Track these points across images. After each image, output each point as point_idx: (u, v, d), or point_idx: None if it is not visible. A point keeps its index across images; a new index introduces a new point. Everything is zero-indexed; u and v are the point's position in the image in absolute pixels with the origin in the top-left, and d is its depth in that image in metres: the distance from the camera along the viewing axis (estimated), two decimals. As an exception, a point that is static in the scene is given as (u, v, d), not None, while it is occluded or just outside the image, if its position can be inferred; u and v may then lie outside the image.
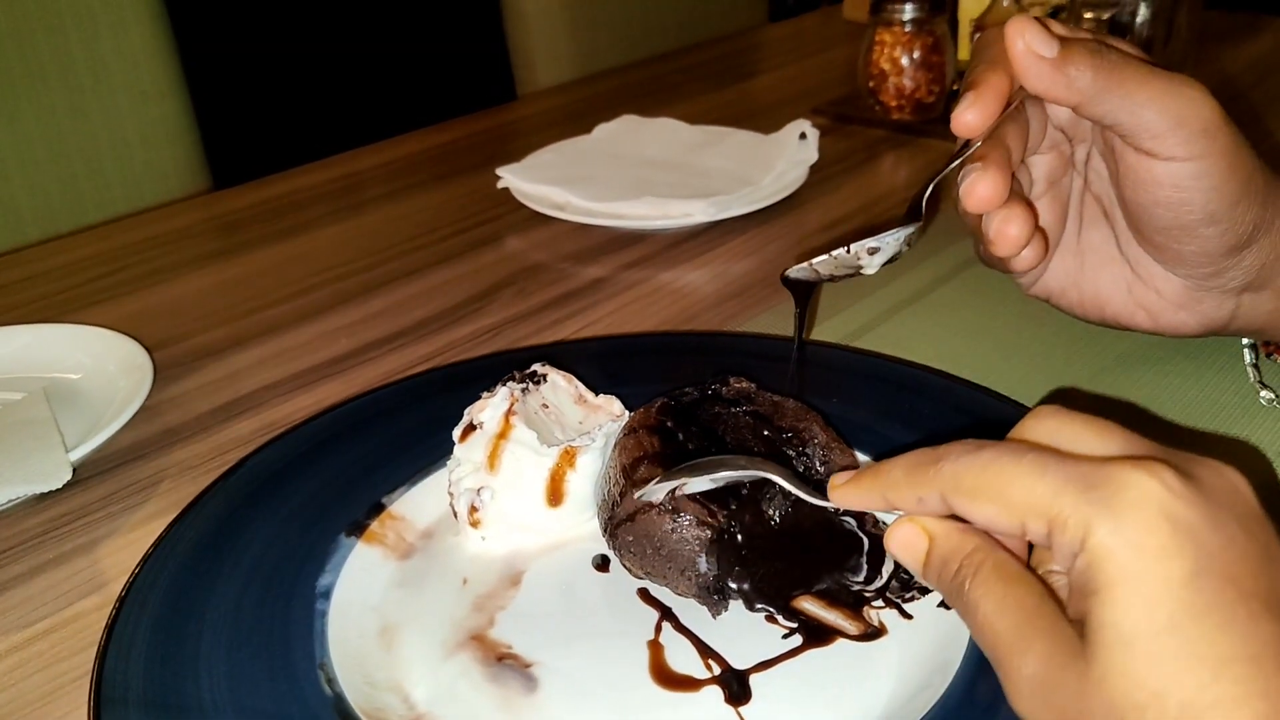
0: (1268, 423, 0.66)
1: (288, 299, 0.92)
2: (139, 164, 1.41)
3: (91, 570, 0.60)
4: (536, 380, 0.60)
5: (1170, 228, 0.59)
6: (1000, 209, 0.55)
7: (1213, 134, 0.55)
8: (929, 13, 1.19)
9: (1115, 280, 0.64)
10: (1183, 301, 0.63)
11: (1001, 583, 0.38)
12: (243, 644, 0.49)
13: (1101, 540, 0.35)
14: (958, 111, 0.55)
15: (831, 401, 0.64)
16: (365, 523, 0.58)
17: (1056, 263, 0.65)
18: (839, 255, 0.56)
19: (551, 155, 1.13)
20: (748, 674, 0.49)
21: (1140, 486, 0.35)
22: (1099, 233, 0.65)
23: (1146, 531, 0.34)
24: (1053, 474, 0.36)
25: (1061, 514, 0.36)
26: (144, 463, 0.70)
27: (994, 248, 0.57)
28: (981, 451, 0.39)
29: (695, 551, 0.52)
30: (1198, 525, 0.34)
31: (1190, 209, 0.57)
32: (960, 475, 0.39)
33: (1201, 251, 0.59)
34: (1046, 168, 0.63)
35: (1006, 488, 0.37)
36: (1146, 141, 0.56)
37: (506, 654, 0.51)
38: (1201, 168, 0.55)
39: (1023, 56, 0.54)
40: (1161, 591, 0.34)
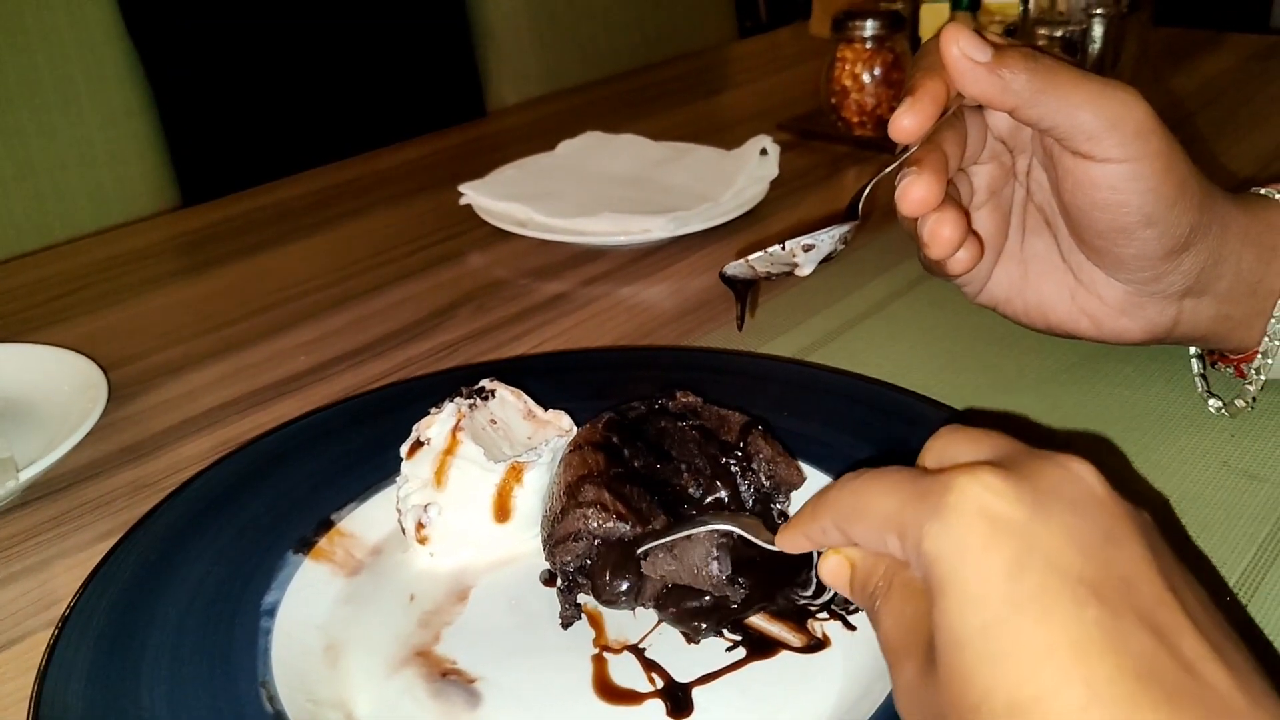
0: (1216, 430, 0.67)
1: (247, 317, 0.92)
2: (107, 182, 1.40)
3: (40, 591, 0.60)
4: (484, 396, 0.61)
5: (1109, 231, 0.59)
6: (934, 212, 0.57)
7: (1146, 136, 0.56)
8: (889, 30, 1.20)
9: (1058, 288, 0.65)
10: (1125, 307, 0.63)
11: (900, 600, 0.39)
12: (184, 663, 0.49)
13: (929, 546, 0.36)
14: (895, 116, 0.57)
15: (782, 415, 0.64)
16: (314, 540, 0.58)
17: (1000, 271, 0.66)
18: (774, 252, 0.57)
19: (514, 172, 1.14)
20: (690, 686, 0.49)
21: (961, 489, 0.36)
22: (1041, 241, 0.66)
23: (966, 531, 0.35)
24: (902, 489, 0.38)
25: (903, 524, 0.37)
26: (97, 482, 0.69)
27: (928, 250, 0.58)
28: (856, 479, 0.41)
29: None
30: (1020, 518, 0.35)
31: (1127, 210, 0.58)
32: (839, 502, 0.41)
33: (1140, 254, 0.60)
34: (987, 178, 0.64)
35: (869, 508, 0.39)
36: (1082, 144, 0.57)
37: (451, 669, 0.51)
38: (1137, 169, 0.56)
39: (957, 61, 0.56)
40: (982, 588, 0.34)
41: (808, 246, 0.57)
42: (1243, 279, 0.62)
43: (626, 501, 0.53)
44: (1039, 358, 0.76)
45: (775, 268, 0.58)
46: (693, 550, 0.50)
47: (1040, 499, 0.36)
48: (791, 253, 0.57)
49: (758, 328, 0.83)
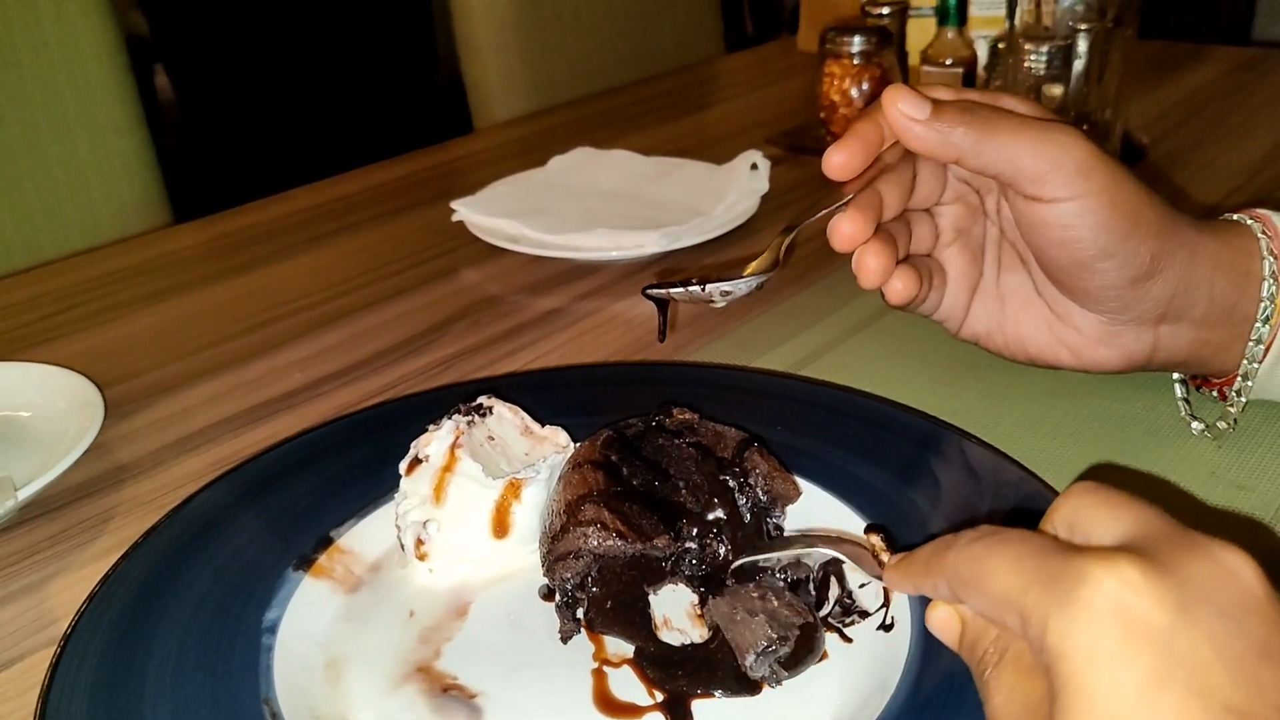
0: (1203, 441, 0.68)
1: (241, 334, 0.92)
2: (96, 200, 1.40)
3: (39, 610, 0.60)
4: (482, 413, 0.61)
5: (1069, 266, 0.61)
6: (861, 245, 0.60)
7: (1088, 173, 0.58)
8: (877, 46, 1.21)
9: (1036, 321, 0.67)
10: (1102, 337, 0.64)
11: (1013, 676, 0.37)
12: (187, 680, 0.49)
13: (1055, 643, 0.33)
14: (826, 154, 0.60)
15: (776, 429, 0.65)
16: (313, 557, 0.58)
17: (978, 307, 0.68)
18: (694, 292, 0.59)
19: (506, 188, 1.14)
20: (690, 699, 0.49)
21: (1096, 583, 0.33)
22: (1016, 277, 0.67)
23: (1099, 635, 0.32)
24: (1026, 566, 0.35)
25: (1026, 609, 0.35)
26: (94, 500, 0.70)
27: (860, 280, 0.61)
28: (979, 541, 0.38)
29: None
30: (1161, 625, 0.32)
31: (1082, 245, 0.59)
32: (958, 565, 0.39)
33: (1105, 285, 0.61)
34: (952, 217, 0.67)
35: (987, 580, 0.37)
36: (1028, 187, 0.59)
37: (452, 685, 0.51)
38: (1084, 205, 0.58)
39: (898, 120, 0.59)
40: (1113, 702, 0.31)
41: (725, 292, 0.60)
42: (1217, 304, 0.63)
43: (626, 519, 0.54)
44: (1028, 371, 0.76)
45: (693, 300, 0.60)
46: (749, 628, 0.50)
47: (1187, 602, 0.32)
48: (710, 295, 0.59)
49: (751, 342, 0.83)
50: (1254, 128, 1.28)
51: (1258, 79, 1.50)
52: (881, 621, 0.53)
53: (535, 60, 1.73)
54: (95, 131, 1.40)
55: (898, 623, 0.52)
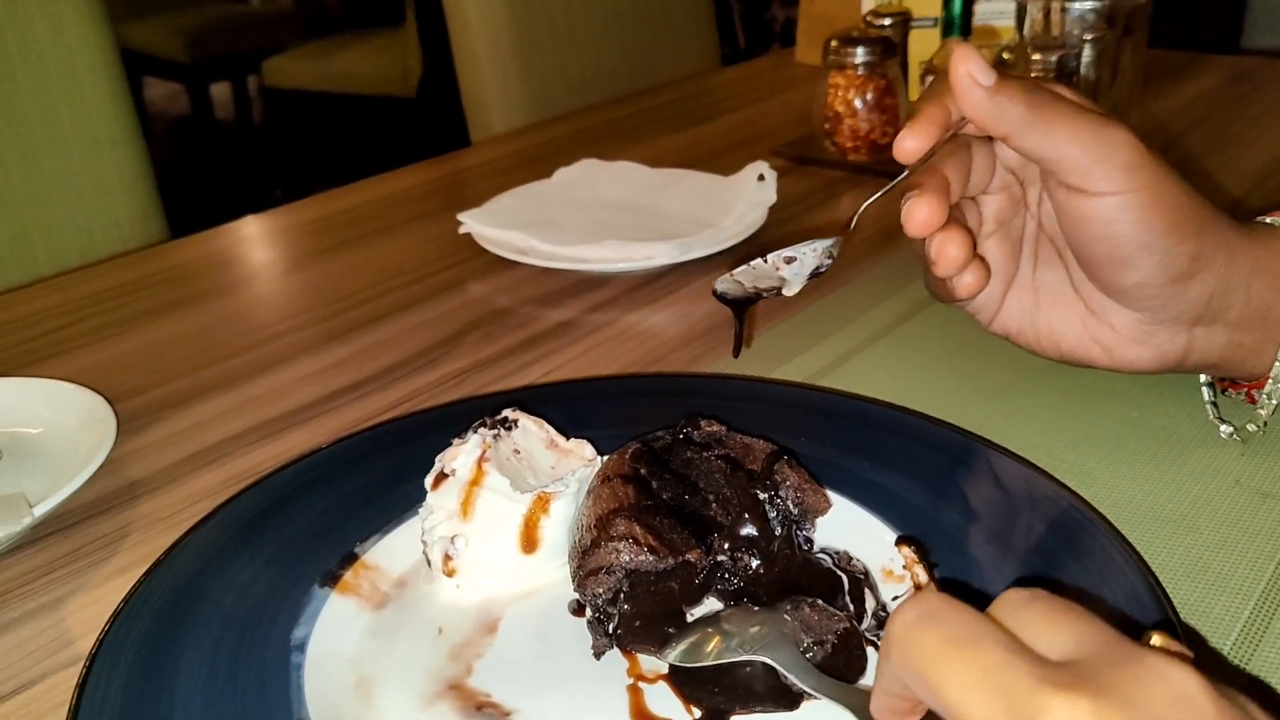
0: (1226, 449, 0.67)
1: (250, 348, 0.91)
2: (92, 214, 1.39)
3: (57, 629, 0.59)
4: (508, 426, 0.60)
5: (1109, 262, 0.61)
6: (939, 232, 0.59)
7: (1134, 170, 0.58)
8: (881, 56, 1.22)
9: (1070, 317, 0.66)
10: (1136, 336, 0.64)
11: None
12: (218, 699, 0.48)
13: None
14: (899, 139, 0.59)
15: (800, 440, 0.64)
16: (339, 573, 0.57)
17: (1012, 301, 0.67)
18: (757, 265, 0.59)
19: (513, 200, 1.14)
20: (728, 714, 0.49)
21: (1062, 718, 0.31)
22: (1053, 272, 0.67)
23: None
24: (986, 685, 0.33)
25: None
26: (109, 517, 0.69)
27: (936, 268, 0.60)
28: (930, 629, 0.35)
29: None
30: None
31: (1122, 241, 0.59)
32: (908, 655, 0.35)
33: (1144, 283, 0.61)
34: (996, 207, 0.66)
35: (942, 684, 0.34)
36: (1072, 177, 0.59)
37: (485, 702, 0.50)
38: (1126, 201, 0.58)
39: (961, 80, 0.58)
40: None
41: (789, 259, 0.59)
42: (1253, 307, 0.63)
43: (657, 534, 0.53)
44: (1048, 379, 0.76)
45: (762, 282, 0.59)
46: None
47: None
48: (774, 265, 0.59)
49: (766, 353, 0.83)
50: (1255, 138, 1.29)
51: (1254, 89, 1.51)
52: (917, 634, 0.52)
53: (532, 73, 1.73)
54: (90, 145, 1.39)
55: (934, 635, 0.52)
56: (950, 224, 0.59)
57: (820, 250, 0.59)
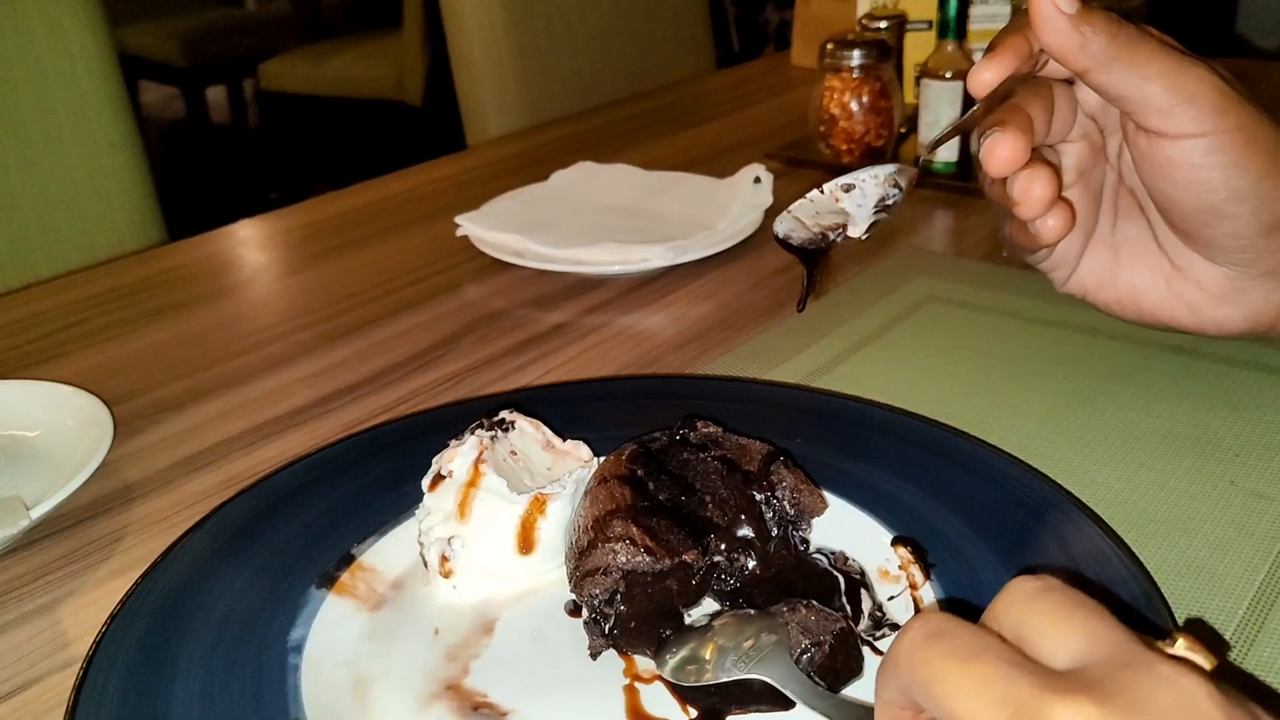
0: (1220, 450, 0.68)
1: (246, 351, 0.91)
2: (91, 217, 1.39)
3: (54, 631, 0.59)
4: (505, 427, 0.61)
5: (1196, 212, 0.57)
6: (1024, 170, 0.55)
7: (1224, 110, 0.54)
8: (876, 59, 1.22)
9: (1152, 274, 0.63)
10: (1225, 294, 0.60)
11: None
12: (215, 701, 0.49)
13: None
14: (974, 71, 0.55)
15: (795, 441, 0.65)
16: (335, 574, 0.57)
17: (1090, 257, 0.64)
18: (814, 198, 0.55)
19: (509, 202, 1.14)
20: (725, 713, 0.49)
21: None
22: (1134, 225, 0.63)
23: None
24: (989, 696, 0.33)
25: None
26: (105, 519, 0.69)
27: (1020, 209, 0.56)
28: (935, 644, 0.35)
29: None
30: None
31: (1211, 188, 0.56)
32: (913, 670, 0.35)
33: (1235, 234, 0.57)
34: (1076, 157, 0.62)
35: (947, 701, 0.34)
36: (1154, 119, 0.55)
37: (482, 703, 0.50)
38: (1215, 143, 0.55)
39: (1043, 7, 0.54)
40: None
41: (847, 187, 0.55)
42: None
43: (654, 535, 0.53)
44: (1043, 380, 0.77)
45: (825, 219, 0.55)
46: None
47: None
48: (833, 196, 0.55)
49: (761, 354, 0.83)
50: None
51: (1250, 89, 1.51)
52: (913, 634, 0.53)
53: (529, 77, 1.73)
54: (89, 148, 1.39)
55: (930, 635, 0.52)
56: (1035, 161, 0.55)
57: (882, 178, 0.55)
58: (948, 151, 1.16)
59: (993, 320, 0.87)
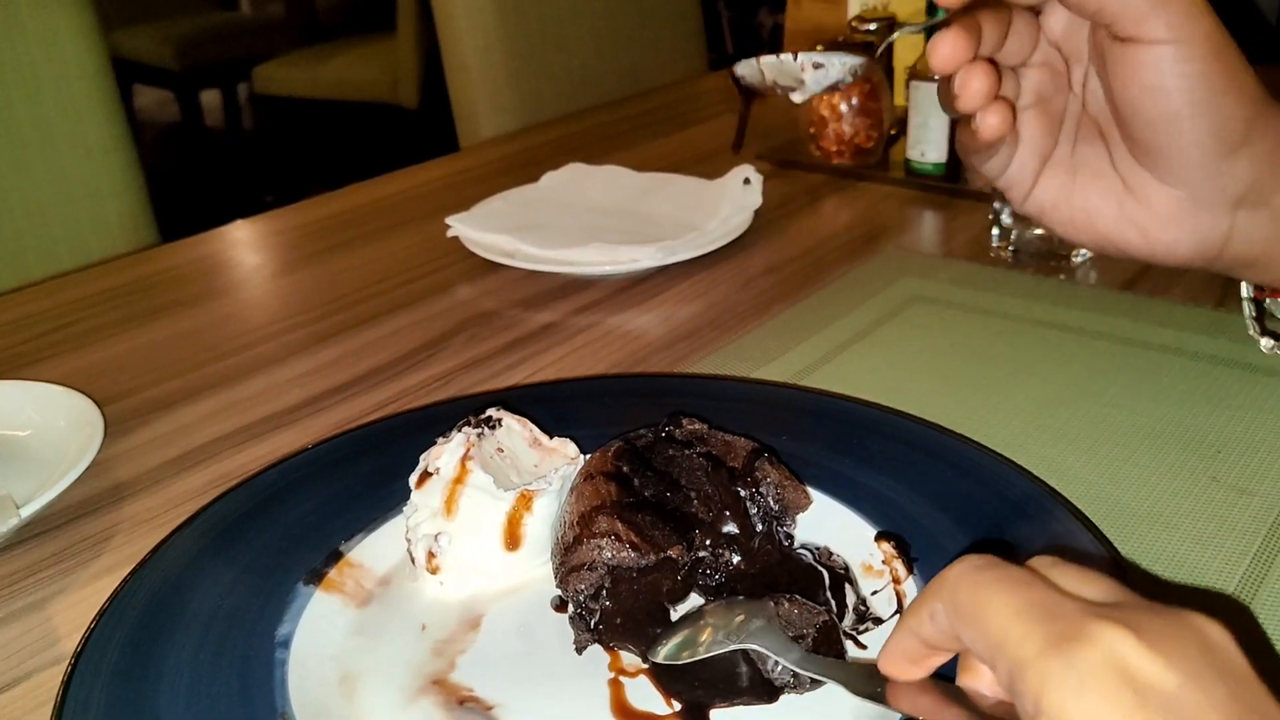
0: (1203, 446, 0.68)
1: (238, 351, 0.92)
2: (84, 219, 1.40)
3: (44, 628, 0.60)
4: (492, 425, 0.61)
5: (1158, 119, 0.58)
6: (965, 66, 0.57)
7: (1195, 18, 0.56)
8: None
9: (1106, 195, 0.64)
10: (1176, 217, 0.61)
11: None
12: (202, 695, 0.49)
13: (1057, 704, 0.31)
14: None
15: (781, 439, 0.65)
16: (323, 571, 0.58)
17: (1047, 178, 0.65)
18: (785, 60, 0.59)
19: (500, 203, 1.14)
20: (708, 708, 0.49)
21: (1103, 643, 0.31)
22: (1092, 150, 0.64)
23: (1105, 698, 0.31)
24: (1030, 615, 0.34)
25: (1021, 662, 0.33)
26: (95, 518, 0.69)
27: (960, 101, 0.58)
28: (984, 571, 0.36)
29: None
30: (1172, 690, 0.31)
31: (1175, 95, 0.57)
32: (958, 592, 0.37)
33: (1191, 147, 0.58)
34: (1036, 80, 0.63)
35: (987, 619, 0.35)
36: (1130, 26, 0.56)
37: (468, 697, 0.51)
38: (1184, 51, 0.56)
39: None
40: None
41: (818, 64, 0.58)
42: None
43: (639, 531, 0.54)
44: (1027, 378, 0.77)
45: (783, 79, 0.58)
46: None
47: (1191, 667, 0.31)
48: (801, 66, 0.58)
49: (750, 353, 0.84)
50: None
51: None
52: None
53: (521, 79, 1.74)
54: (82, 151, 1.39)
55: (911, 629, 0.52)
56: (976, 60, 0.57)
57: (847, 66, 0.58)
58: (935, 153, 1.17)
59: (978, 319, 0.88)
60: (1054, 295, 0.91)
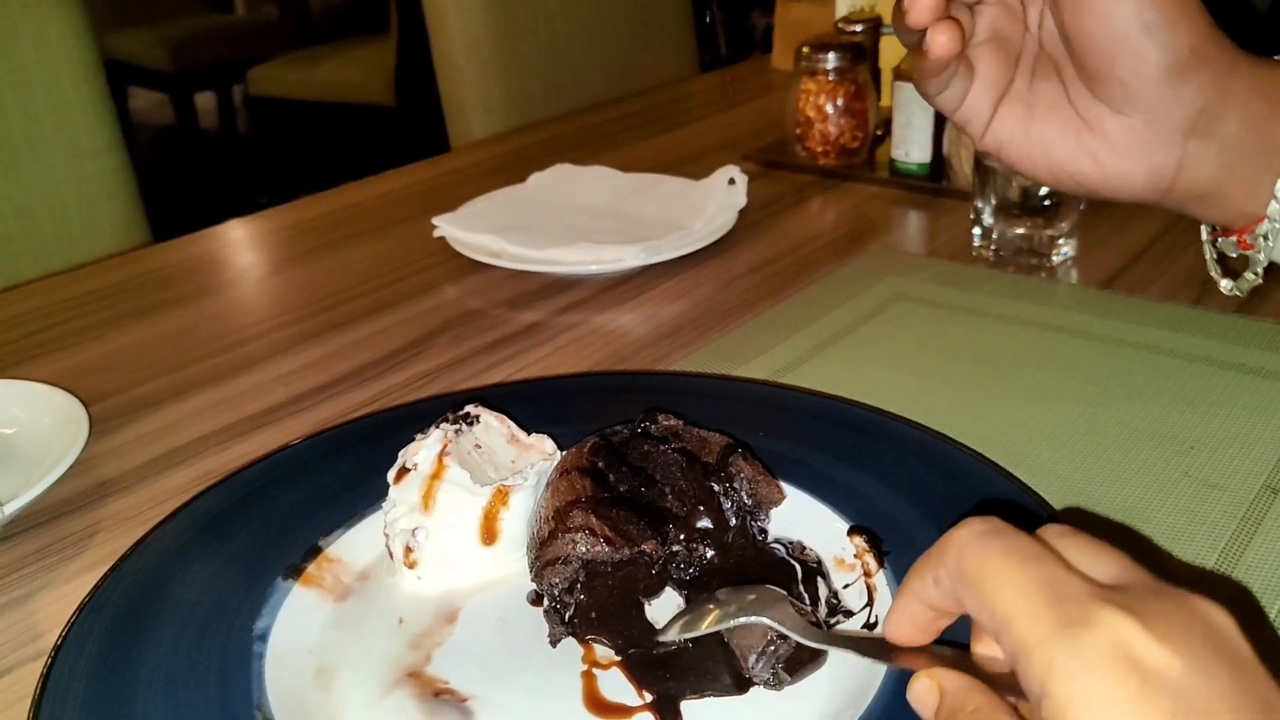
0: (1175, 442, 0.69)
1: (224, 350, 0.92)
2: (75, 221, 1.40)
3: (26, 624, 0.60)
4: (469, 421, 0.62)
5: (1107, 41, 0.59)
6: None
7: None
8: (851, 62, 1.23)
9: (1063, 128, 0.65)
10: (1129, 148, 0.62)
11: None
12: (179, 688, 0.49)
13: (1058, 688, 0.32)
14: None
15: (758, 435, 0.66)
16: (302, 566, 0.58)
17: (1005, 112, 0.66)
18: None
19: (487, 204, 1.15)
20: (679, 699, 0.50)
21: (1108, 628, 0.32)
22: (1048, 85, 0.65)
23: (1109, 682, 0.31)
24: (1037, 593, 0.34)
25: (1027, 642, 0.33)
26: (80, 515, 0.70)
27: (909, 16, 0.59)
28: (992, 539, 0.36)
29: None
30: (1177, 676, 0.31)
31: (1125, 17, 0.58)
32: (963, 558, 0.37)
33: (1140, 69, 0.59)
34: (990, 17, 0.65)
35: (992, 592, 0.35)
36: None
37: (443, 689, 0.52)
38: None
39: None
40: None
41: None
42: (1250, 127, 0.61)
43: (613, 525, 0.54)
44: (1005, 376, 0.78)
45: None
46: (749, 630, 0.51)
47: (1197, 653, 0.31)
48: None
49: (731, 352, 0.84)
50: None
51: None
52: (866, 621, 0.54)
53: (512, 80, 1.75)
54: (74, 153, 1.40)
55: (881, 621, 0.53)
56: None
57: None
58: (919, 153, 1.18)
59: (959, 318, 0.88)
60: (1034, 294, 0.92)
